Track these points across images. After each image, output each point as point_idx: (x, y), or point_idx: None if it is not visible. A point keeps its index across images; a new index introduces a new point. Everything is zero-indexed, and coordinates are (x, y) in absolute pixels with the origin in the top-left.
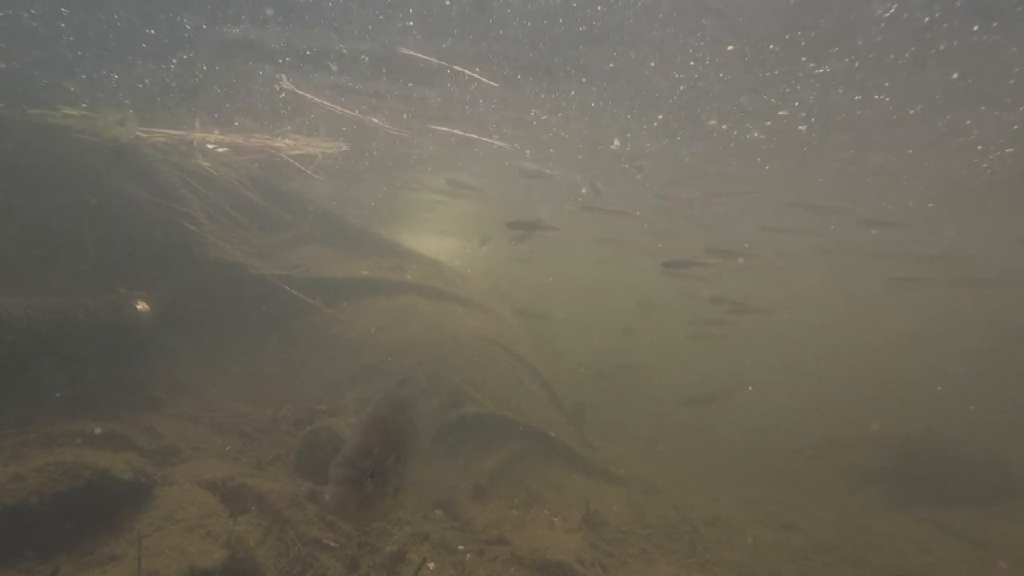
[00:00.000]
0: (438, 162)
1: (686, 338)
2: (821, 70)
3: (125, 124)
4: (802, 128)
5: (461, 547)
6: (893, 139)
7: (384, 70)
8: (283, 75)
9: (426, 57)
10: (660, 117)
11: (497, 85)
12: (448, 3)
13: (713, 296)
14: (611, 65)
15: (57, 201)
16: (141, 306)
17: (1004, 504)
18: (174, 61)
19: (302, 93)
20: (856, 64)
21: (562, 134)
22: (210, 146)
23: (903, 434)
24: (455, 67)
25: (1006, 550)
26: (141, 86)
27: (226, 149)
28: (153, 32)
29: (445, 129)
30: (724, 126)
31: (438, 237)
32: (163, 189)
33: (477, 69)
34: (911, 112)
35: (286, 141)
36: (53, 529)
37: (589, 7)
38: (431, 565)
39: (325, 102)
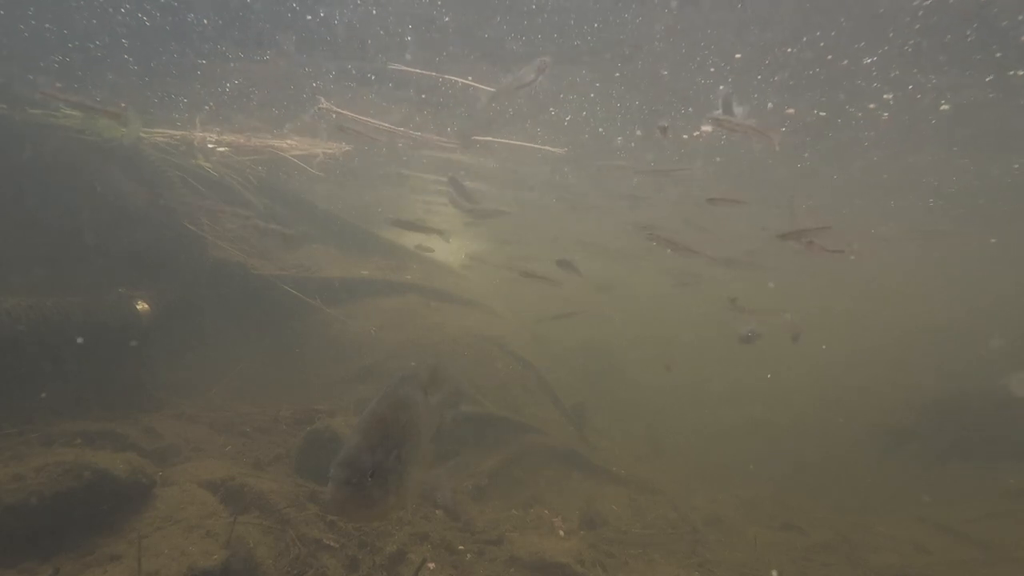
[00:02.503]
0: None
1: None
2: (869, 60)
3: (127, 124)
4: (944, 107)
5: (461, 547)
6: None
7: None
8: (321, 97)
9: (416, 70)
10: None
11: (494, 90)
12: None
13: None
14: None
15: (57, 201)
16: (141, 306)
17: None
18: (228, 86)
19: (340, 111)
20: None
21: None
22: (210, 146)
23: (936, 394)
24: (447, 76)
25: (1006, 550)
26: (207, 108)
27: (226, 149)
28: (204, 62)
29: (489, 138)
30: (822, 113)
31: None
32: (163, 189)
33: (469, 77)
34: None
35: (288, 141)
36: (53, 529)
37: None
38: (431, 565)
39: (365, 119)
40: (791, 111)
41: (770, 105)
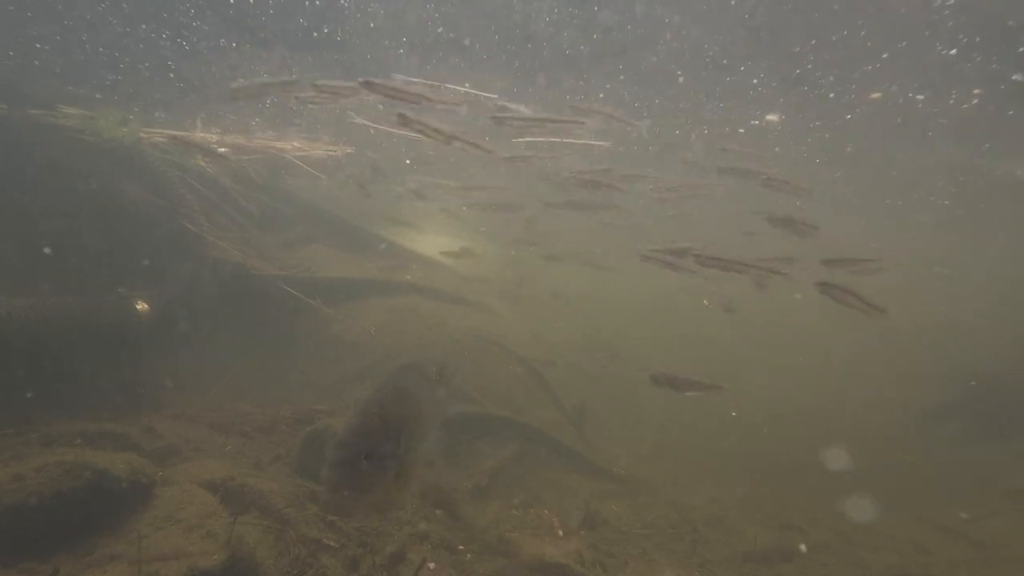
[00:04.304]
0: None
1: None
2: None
3: (127, 124)
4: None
5: (461, 547)
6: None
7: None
8: (352, 112)
9: (418, 81)
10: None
11: (496, 96)
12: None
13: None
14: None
15: (57, 201)
16: (141, 306)
17: None
18: (268, 102)
19: (373, 124)
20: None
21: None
22: (211, 146)
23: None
24: (446, 85)
25: (1006, 550)
26: (254, 123)
27: (227, 149)
28: (241, 79)
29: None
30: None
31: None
32: (163, 189)
33: (467, 85)
34: None
35: (292, 143)
36: (53, 529)
37: None
38: (431, 565)
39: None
40: (876, 95)
41: (832, 95)
